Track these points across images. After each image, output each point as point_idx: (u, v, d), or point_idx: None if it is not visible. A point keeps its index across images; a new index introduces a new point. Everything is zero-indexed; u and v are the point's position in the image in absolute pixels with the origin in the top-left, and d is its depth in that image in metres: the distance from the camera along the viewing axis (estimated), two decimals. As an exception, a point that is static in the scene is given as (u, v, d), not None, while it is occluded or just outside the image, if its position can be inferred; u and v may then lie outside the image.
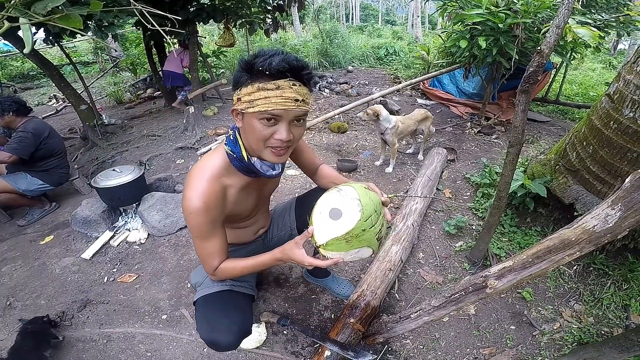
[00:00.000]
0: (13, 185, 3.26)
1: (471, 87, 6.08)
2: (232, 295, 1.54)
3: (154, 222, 2.93)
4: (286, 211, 1.95)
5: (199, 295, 1.55)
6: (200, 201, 1.22)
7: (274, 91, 1.10)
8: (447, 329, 2.11)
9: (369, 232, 1.16)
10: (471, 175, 3.67)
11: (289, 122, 1.17)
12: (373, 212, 1.17)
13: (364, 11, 39.66)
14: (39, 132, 3.27)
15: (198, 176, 1.27)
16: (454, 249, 2.72)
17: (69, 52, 6.11)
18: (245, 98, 1.13)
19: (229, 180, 1.34)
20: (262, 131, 1.17)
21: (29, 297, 2.46)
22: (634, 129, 2.05)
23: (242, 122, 1.22)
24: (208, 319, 1.45)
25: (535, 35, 3.93)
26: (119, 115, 6.67)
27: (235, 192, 1.38)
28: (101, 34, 3.72)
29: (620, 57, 12.93)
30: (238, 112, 1.21)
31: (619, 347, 1.55)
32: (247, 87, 1.12)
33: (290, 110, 1.13)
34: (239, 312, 1.51)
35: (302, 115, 1.20)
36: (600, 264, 2.39)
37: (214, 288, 1.54)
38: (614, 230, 1.21)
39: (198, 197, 1.22)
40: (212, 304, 1.50)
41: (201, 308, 1.50)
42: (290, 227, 1.91)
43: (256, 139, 1.20)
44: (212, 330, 1.40)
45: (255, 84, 1.11)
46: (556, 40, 1.61)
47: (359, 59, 10.70)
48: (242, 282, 1.61)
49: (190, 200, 1.23)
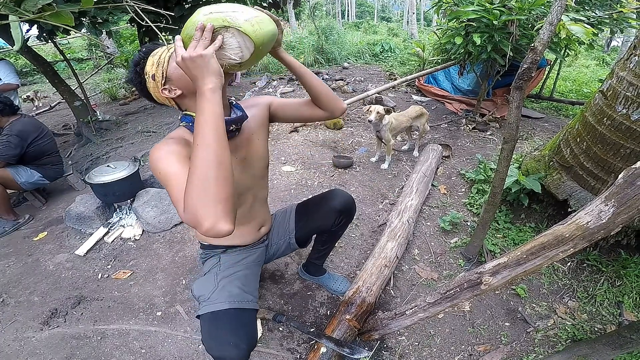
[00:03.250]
0: (14, 175, 3.24)
1: (466, 84, 6.10)
2: (239, 313, 1.51)
3: (148, 219, 2.92)
4: (285, 219, 1.92)
5: (205, 310, 1.51)
6: (167, 144, 1.19)
7: None
8: (442, 326, 2.12)
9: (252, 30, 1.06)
10: (466, 172, 3.68)
11: None
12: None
13: (359, 8, 39.62)
14: (25, 134, 3.23)
15: (163, 140, 1.23)
16: (449, 246, 2.73)
17: (62, 49, 6.05)
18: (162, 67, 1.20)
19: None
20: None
21: (22, 294, 2.44)
22: (627, 126, 2.06)
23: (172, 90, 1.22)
24: (216, 337, 1.41)
25: (530, 32, 3.94)
26: (113, 111, 6.63)
27: None
28: (95, 31, 3.69)
29: (613, 54, 13.02)
30: (165, 89, 1.22)
31: (613, 344, 1.57)
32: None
33: None
34: (246, 329, 1.48)
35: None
36: (594, 260, 2.41)
37: (222, 305, 1.49)
38: (608, 226, 1.22)
39: (164, 144, 1.19)
40: (220, 322, 1.46)
41: (207, 324, 1.47)
42: (289, 237, 1.89)
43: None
44: (221, 349, 1.36)
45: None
46: (550, 37, 1.61)
47: (354, 55, 10.70)
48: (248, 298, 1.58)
49: (156, 149, 1.18)
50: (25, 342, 2.07)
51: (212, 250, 1.71)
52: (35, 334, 2.12)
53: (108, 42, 10.65)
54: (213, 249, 1.70)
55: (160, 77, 1.20)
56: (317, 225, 1.87)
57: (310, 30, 12.84)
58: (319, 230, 1.93)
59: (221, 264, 1.66)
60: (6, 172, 3.21)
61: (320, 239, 2.08)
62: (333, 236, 2.02)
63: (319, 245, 2.13)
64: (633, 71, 2.05)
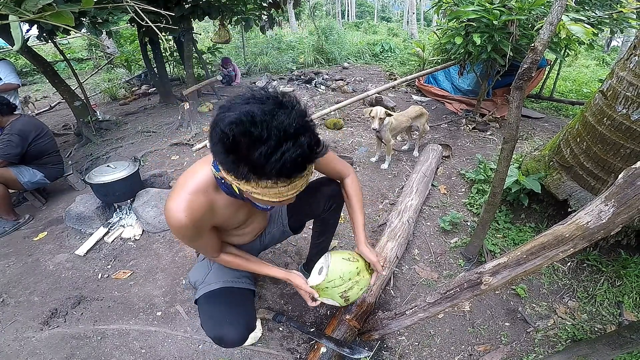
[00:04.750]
0: (17, 175, 3.24)
1: (466, 84, 6.09)
2: (235, 291, 1.53)
3: (148, 219, 2.92)
4: (278, 209, 1.93)
5: (200, 292, 1.52)
6: (183, 215, 1.15)
7: (286, 187, 1.00)
8: (442, 326, 2.12)
9: (331, 290, 1.56)
10: (466, 172, 3.68)
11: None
12: (337, 277, 1.54)
13: (359, 8, 39.55)
14: (25, 133, 3.23)
15: (185, 186, 1.19)
16: (449, 246, 2.73)
17: (62, 49, 6.04)
18: (246, 188, 1.00)
19: (217, 195, 1.25)
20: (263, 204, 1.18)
21: (22, 294, 2.44)
22: (627, 126, 2.06)
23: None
24: (213, 316, 1.43)
25: (530, 32, 3.93)
26: (113, 111, 6.62)
27: (224, 207, 1.29)
28: (95, 31, 3.69)
29: (613, 54, 13.01)
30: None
31: (613, 344, 1.56)
32: (248, 183, 0.97)
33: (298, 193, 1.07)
34: (243, 307, 1.50)
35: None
36: (593, 260, 2.41)
37: (216, 285, 1.52)
38: (608, 226, 1.21)
39: (181, 211, 1.15)
40: (216, 301, 1.49)
41: (204, 305, 1.48)
42: (283, 224, 1.91)
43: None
44: (218, 327, 1.38)
45: (261, 182, 0.96)
46: (550, 37, 1.61)
47: (354, 55, 10.69)
48: (241, 278, 1.61)
49: (173, 212, 1.15)
50: (25, 342, 2.07)
51: None
52: (35, 334, 2.12)
53: (108, 42, 10.64)
54: None
55: (231, 179, 1.00)
56: (308, 211, 1.90)
57: (310, 30, 12.85)
58: (311, 216, 1.96)
59: None
60: (9, 171, 3.21)
61: (315, 231, 2.10)
62: (326, 226, 2.04)
63: (315, 239, 2.14)
64: (633, 71, 2.05)
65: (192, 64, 5.76)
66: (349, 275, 1.57)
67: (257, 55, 9.95)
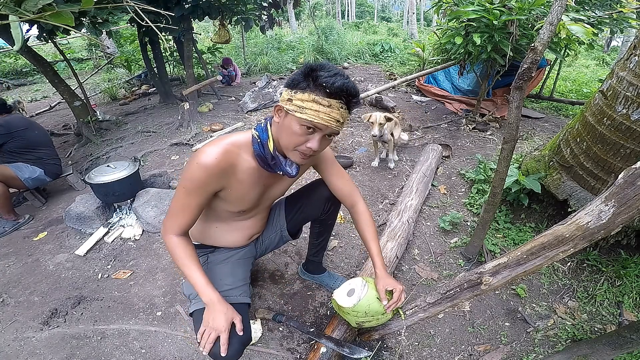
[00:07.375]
0: (17, 173, 3.25)
1: (466, 84, 6.10)
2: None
3: (148, 219, 2.92)
4: (275, 212, 1.95)
5: (195, 307, 1.52)
6: (214, 157, 1.28)
7: (325, 108, 1.20)
8: (442, 326, 2.12)
9: (352, 316, 1.69)
10: (466, 172, 3.68)
11: (323, 135, 1.28)
12: (363, 311, 1.65)
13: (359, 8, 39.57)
14: (9, 124, 3.26)
15: (224, 139, 1.35)
16: (449, 245, 2.73)
17: (62, 49, 6.05)
18: (297, 102, 1.22)
19: (244, 156, 1.39)
20: (300, 136, 1.26)
21: (22, 294, 2.44)
22: (627, 126, 2.06)
23: (282, 119, 1.29)
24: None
25: (530, 32, 3.93)
26: (113, 111, 6.63)
27: (245, 171, 1.41)
28: (95, 31, 3.69)
29: (613, 54, 13.02)
30: (282, 109, 1.28)
31: (612, 344, 1.56)
32: (304, 94, 1.21)
33: (331, 127, 1.25)
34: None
35: (335, 133, 1.32)
36: (593, 260, 2.41)
37: None
38: (608, 226, 1.22)
39: (215, 154, 1.29)
40: None
41: (198, 322, 1.48)
42: (281, 229, 1.92)
43: (290, 140, 1.29)
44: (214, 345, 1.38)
45: (311, 95, 1.20)
46: (550, 37, 1.61)
47: (354, 55, 10.69)
48: (235, 290, 1.60)
49: (207, 152, 1.29)
50: (25, 342, 2.07)
51: (201, 250, 1.74)
52: (35, 334, 2.12)
53: (108, 42, 10.67)
54: (202, 248, 1.75)
55: (289, 103, 1.25)
56: (307, 214, 1.92)
57: (310, 30, 12.87)
58: (309, 219, 1.99)
59: (209, 262, 1.73)
60: (7, 169, 3.21)
61: (313, 232, 2.11)
62: (325, 226, 2.05)
63: (313, 239, 2.15)
64: (633, 71, 2.05)
65: (192, 64, 5.77)
66: (374, 313, 1.66)
67: (257, 55, 9.95)
